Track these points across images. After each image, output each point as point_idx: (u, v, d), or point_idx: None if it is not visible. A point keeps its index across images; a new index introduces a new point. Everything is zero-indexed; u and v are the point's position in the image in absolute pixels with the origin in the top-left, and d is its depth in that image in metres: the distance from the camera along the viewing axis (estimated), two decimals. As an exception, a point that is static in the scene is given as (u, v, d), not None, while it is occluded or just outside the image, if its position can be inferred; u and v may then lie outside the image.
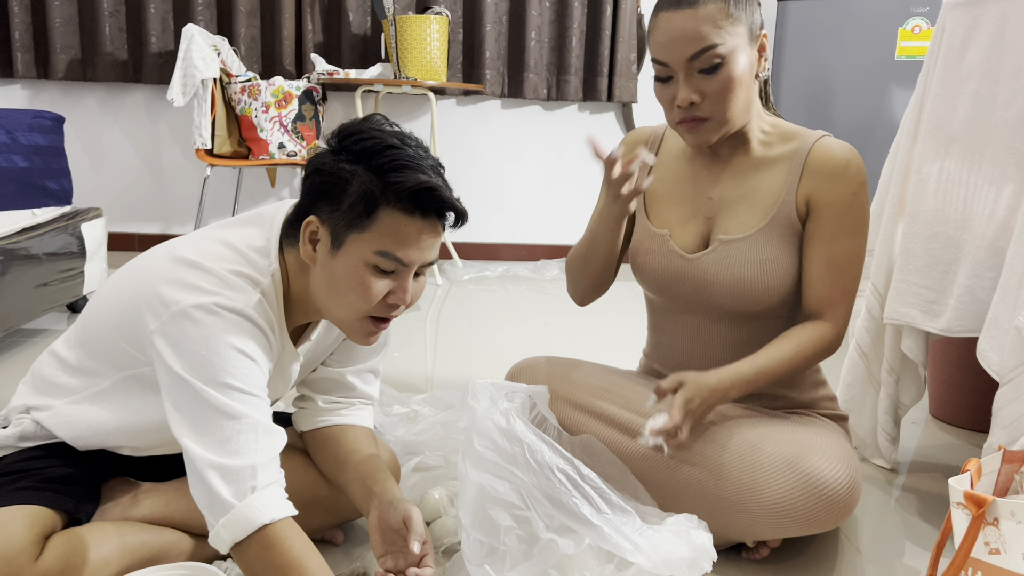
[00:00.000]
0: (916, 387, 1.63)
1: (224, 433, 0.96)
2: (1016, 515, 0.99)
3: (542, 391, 1.29)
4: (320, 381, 1.29)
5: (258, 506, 0.95)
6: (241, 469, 0.95)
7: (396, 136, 1.04)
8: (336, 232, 1.03)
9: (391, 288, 1.05)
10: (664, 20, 1.21)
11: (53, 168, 2.52)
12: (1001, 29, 1.38)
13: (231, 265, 1.05)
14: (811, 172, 1.28)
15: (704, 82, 1.21)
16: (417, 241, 1.03)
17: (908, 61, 2.94)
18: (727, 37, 1.19)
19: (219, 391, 0.97)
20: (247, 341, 1.01)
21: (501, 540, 1.09)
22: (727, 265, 1.30)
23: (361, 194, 1.01)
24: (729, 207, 1.33)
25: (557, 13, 3.76)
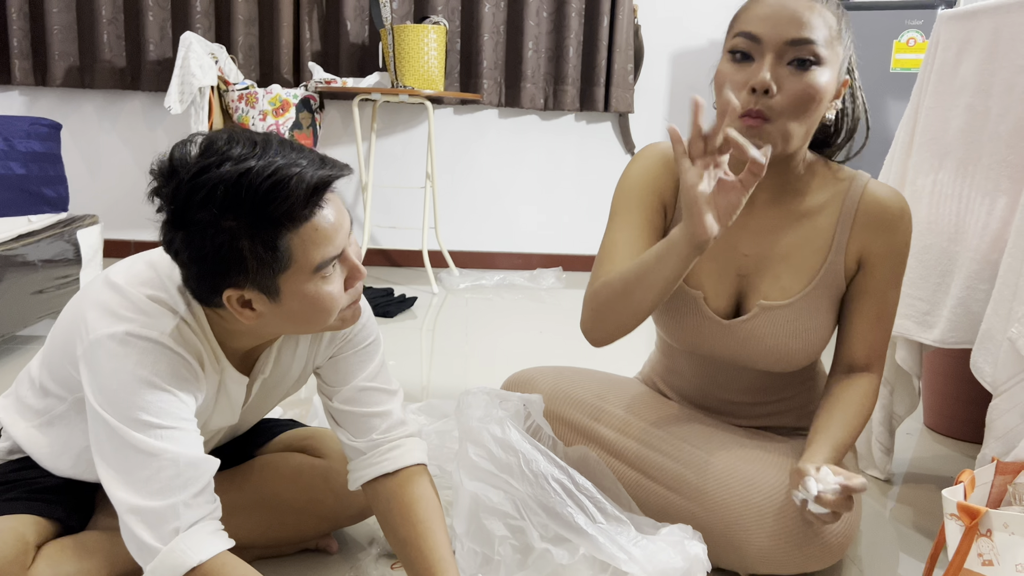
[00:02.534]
0: (911, 398, 1.64)
1: (144, 472, 0.92)
2: (1009, 527, 0.99)
3: (537, 400, 1.28)
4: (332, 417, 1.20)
5: (183, 548, 0.91)
6: (162, 510, 0.92)
7: (222, 160, 0.88)
8: (265, 288, 0.94)
9: (344, 278, 0.99)
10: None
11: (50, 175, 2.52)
12: (994, 43, 1.39)
13: (149, 290, 0.98)
14: (864, 226, 1.20)
15: (788, 77, 1.09)
16: (333, 229, 0.94)
17: (903, 73, 2.96)
18: (829, 47, 1.11)
19: (134, 428, 0.92)
20: (161, 371, 0.95)
21: (495, 550, 1.09)
22: (769, 335, 1.21)
23: (254, 248, 0.89)
24: (767, 266, 1.22)
25: (554, 23, 3.78)
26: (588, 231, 4.02)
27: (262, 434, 1.34)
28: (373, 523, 1.36)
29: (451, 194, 3.95)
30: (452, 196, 3.95)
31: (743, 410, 1.36)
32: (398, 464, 1.14)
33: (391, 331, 2.74)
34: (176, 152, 0.90)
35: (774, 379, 1.32)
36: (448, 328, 2.83)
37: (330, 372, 1.18)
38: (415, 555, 1.08)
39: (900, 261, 1.22)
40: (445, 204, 3.93)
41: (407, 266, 3.97)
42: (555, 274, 3.70)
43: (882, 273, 1.21)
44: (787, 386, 1.34)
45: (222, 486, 1.16)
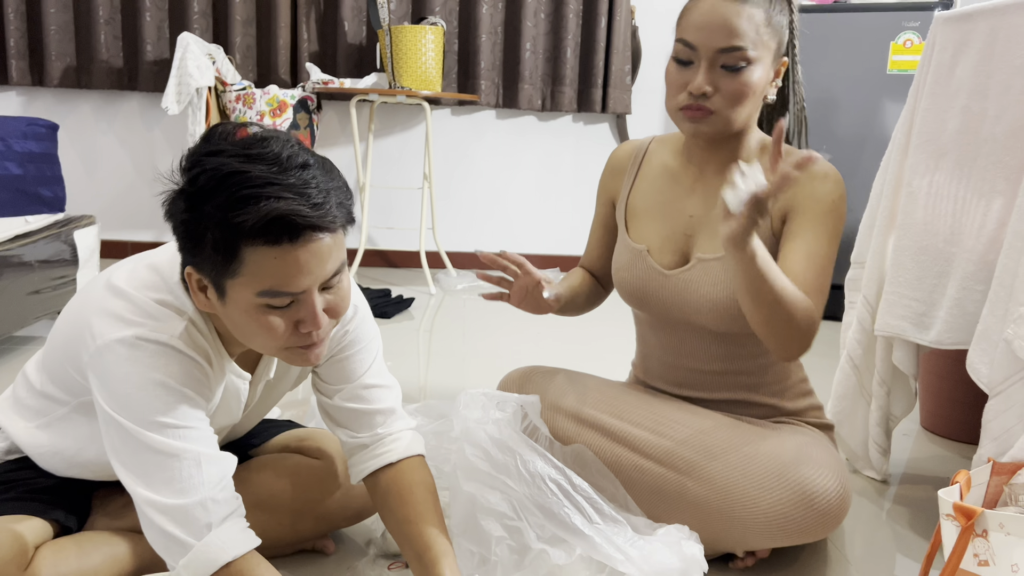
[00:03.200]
0: (907, 399, 1.64)
1: (167, 473, 0.93)
2: (1005, 527, 0.99)
3: (534, 401, 1.29)
4: (330, 416, 1.20)
5: (219, 544, 0.92)
6: (191, 507, 0.92)
7: (242, 155, 0.89)
8: (215, 282, 0.93)
9: (297, 319, 0.95)
10: (709, 3, 1.22)
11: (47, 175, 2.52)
12: (990, 45, 1.40)
13: (155, 293, 0.99)
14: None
15: (723, 78, 1.22)
16: (298, 268, 0.90)
17: (900, 75, 2.96)
18: (759, 47, 1.22)
19: (152, 430, 0.93)
20: (174, 373, 0.96)
21: (492, 550, 1.09)
22: (703, 284, 1.30)
23: (215, 242, 0.89)
24: (708, 224, 1.32)
25: (552, 24, 3.78)
26: (585, 232, 4.02)
27: (259, 435, 1.34)
28: (370, 524, 1.36)
29: (448, 195, 3.95)
30: (449, 197, 3.95)
31: (714, 380, 1.38)
32: (399, 455, 1.15)
33: (388, 332, 2.74)
34: (223, 127, 0.92)
35: (731, 345, 1.35)
36: (445, 329, 2.83)
37: (332, 371, 1.17)
38: (413, 533, 1.09)
39: (828, 215, 1.24)
40: (442, 205, 3.93)
41: (404, 267, 3.97)
42: (552, 275, 3.69)
43: (808, 218, 1.25)
44: (748, 356, 1.36)
45: None
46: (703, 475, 1.24)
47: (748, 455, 1.22)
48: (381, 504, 1.16)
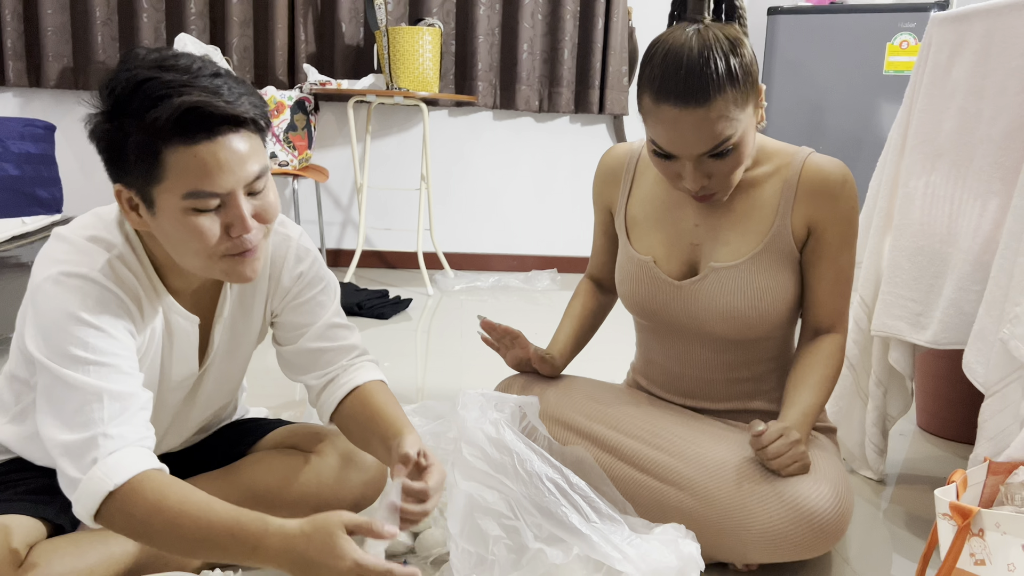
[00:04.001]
0: (903, 399, 1.64)
1: (69, 406, 0.94)
2: (1001, 526, 0.99)
3: (532, 401, 1.29)
4: (292, 362, 1.24)
5: (100, 475, 0.92)
6: (84, 442, 0.93)
7: (153, 66, 0.93)
8: (143, 194, 0.96)
9: (226, 222, 0.97)
10: (669, 115, 1.14)
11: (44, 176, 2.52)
12: (986, 46, 1.40)
13: (88, 231, 1.02)
14: (807, 194, 1.26)
15: (714, 166, 1.18)
16: (219, 165, 0.93)
17: (896, 76, 2.97)
18: (738, 125, 1.15)
19: (64, 364, 0.94)
20: (90, 307, 0.97)
21: (490, 550, 1.09)
22: (720, 293, 1.28)
23: (135, 147, 0.92)
24: (717, 233, 1.30)
25: (549, 26, 3.78)
26: (583, 233, 4.02)
27: (252, 432, 1.35)
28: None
29: (446, 196, 3.95)
30: (447, 198, 3.95)
31: (719, 389, 1.38)
32: (361, 380, 1.21)
33: (386, 333, 2.74)
34: (136, 50, 0.97)
35: (739, 353, 1.34)
36: (443, 330, 2.83)
37: (298, 314, 1.21)
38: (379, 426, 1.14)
39: (848, 226, 1.27)
40: (440, 206, 3.93)
41: (402, 268, 3.97)
42: (550, 276, 3.70)
43: (831, 238, 1.27)
44: (755, 361, 1.36)
45: (214, 484, 1.17)
46: (700, 490, 1.23)
47: (745, 471, 1.21)
48: (346, 423, 1.20)
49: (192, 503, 0.93)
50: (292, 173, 3.32)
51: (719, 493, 1.21)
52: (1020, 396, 1.22)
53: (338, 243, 3.95)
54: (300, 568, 0.91)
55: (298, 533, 0.92)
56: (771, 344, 1.35)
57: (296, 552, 0.91)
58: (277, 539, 0.91)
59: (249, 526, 0.92)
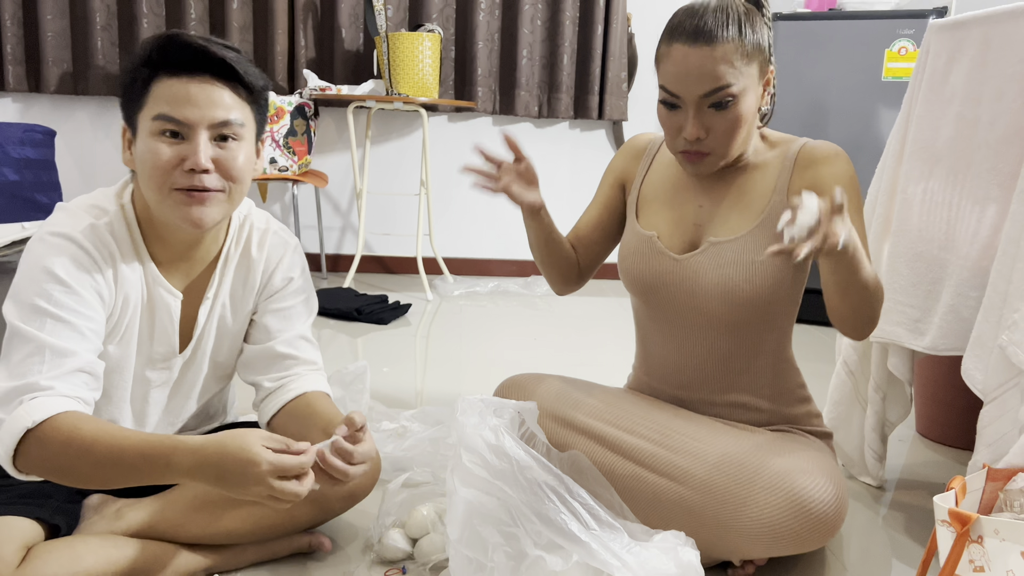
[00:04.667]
0: (902, 405, 1.64)
1: (16, 356, 0.98)
2: (1000, 533, 1.00)
3: (531, 407, 1.29)
4: (254, 361, 1.28)
5: (22, 413, 0.96)
6: (14, 389, 0.97)
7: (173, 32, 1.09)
8: (131, 122, 1.09)
9: (183, 155, 1.06)
10: (679, 53, 1.21)
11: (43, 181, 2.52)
12: (984, 53, 1.40)
13: (87, 200, 1.11)
14: (803, 168, 1.30)
15: (713, 118, 1.23)
16: (188, 96, 1.05)
17: (895, 82, 2.97)
18: (740, 77, 1.21)
19: (25, 316, 1.00)
20: (66, 264, 1.03)
21: (489, 557, 1.09)
22: (716, 266, 1.31)
23: (135, 80, 1.07)
24: (718, 211, 1.35)
25: (548, 32, 3.79)
26: (582, 238, 4.02)
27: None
28: (368, 528, 1.36)
29: (445, 201, 3.95)
30: (446, 203, 3.96)
31: (716, 380, 1.39)
32: (309, 387, 1.26)
33: (385, 338, 2.74)
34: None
35: (735, 342, 1.35)
36: (442, 335, 2.83)
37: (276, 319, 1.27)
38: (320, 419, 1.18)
39: (851, 191, 1.26)
40: (439, 211, 3.93)
41: (401, 273, 3.97)
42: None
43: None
44: (751, 354, 1.36)
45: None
46: (699, 484, 1.24)
47: (743, 463, 1.22)
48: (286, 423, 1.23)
49: (105, 431, 0.97)
50: (292, 178, 3.32)
51: (717, 485, 1.22)
52: (1019, 402, 1.22)
53: (337, 248, 3.95)
54: (215, 477, 0.94)
55: (212, 442, 0.95)
56: (768, 338, 1.36)
57: (210, 462, 0.94)
58: (188, 453, 0.95)
59: (159, 445, 0.96)
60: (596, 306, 3.41)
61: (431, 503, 1.34)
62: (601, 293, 3.70)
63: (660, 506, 1.26)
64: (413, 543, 1.29)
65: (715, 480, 1.22)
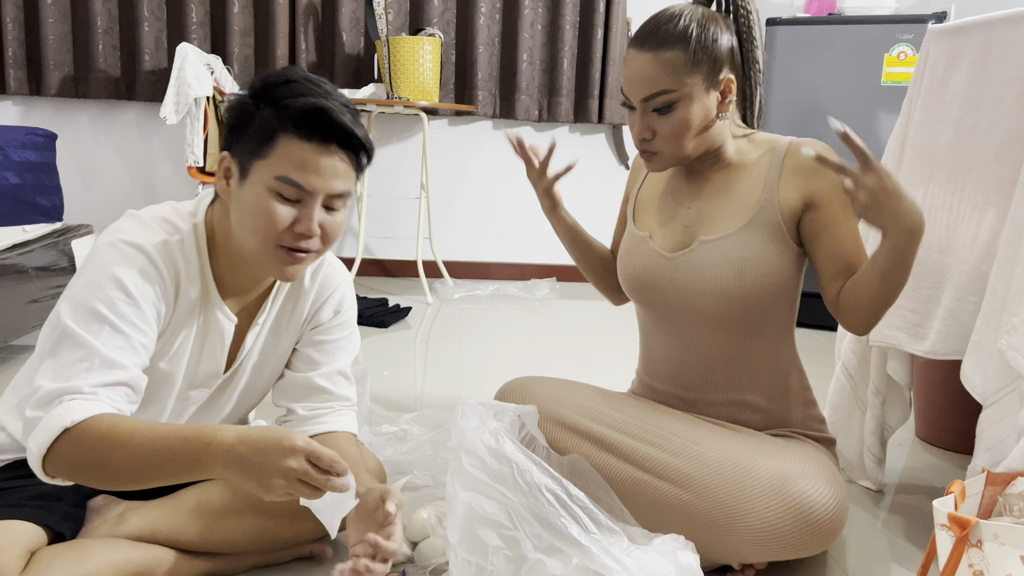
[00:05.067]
0: (902, 409, 1.65)
1: (65, 359, 0.97)
2: (999, 537, 1.00)
3: (531, 411, 1.29)
4: (292, 388, 1.29)
5: (61, 412, 0.95)
6: (55, 391, 0.96)
7: (300, 75, 1.07)
8: (243, 163, 1.07)
9: (297, 216, 1.06)
10: (630, 56, 1.30)
11: (45, 185, 2.52)
12: (983, 58, 1.41)
13: (160, 213, 1.11)
14: (793, 170, 1.32)
15: (657, 121, 1.29)
16: (317, 166, 1.05)
17: (894, 87, 2.98)
18: (681, 85, 1.26)
19: (83, 320, 0.99)
20: (134, 276, 1.03)
21: (489, 560, 1.09)
22: (706, 264, 1.33)
23: (260, 123, 1.05)
24: (708, 212, 1.37)
25: (548, 36, 3.80)
26: (582, 242, 4.03)
27: None
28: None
29: (446, 205, 3.96)
30: (447, 207, 3.96)
31: (717, 380, 1.39)
32: (339, 427, 1.27)
33: (385, 341, 2.74)
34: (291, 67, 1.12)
35: (734, 344, 1.36)
36: (442, 338, 2.83)
37: (319, 352, 1.28)
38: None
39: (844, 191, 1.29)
40: (440, 215, 3.94)
41: (401, 276, 3.97)
42: (549, 284, 3.71)
43: (833, 207, 1.31)
44: (751, 356, 1.37)
45: (215, 489, 1.17)
46: (699, 487, 1.24)
47: (744, 467, 1.22)
48: None
49: (145, 423, 0.97)
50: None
51: (717, 489, 1.22)
52: (1018, 406, 1.22)
53: (338, 251, 3.95)
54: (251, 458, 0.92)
55: (253, 427, 0.95)
56: (765, 336, 1.36)
57: (249, 439, 0.93)
58: (230, 431, 0.94)
59: (201, 428, 0.96)
60: (596, 310, 3.42)
61: (431, 506, 1.34)
62: (601, 297, 3.70)
63: (660, 509, 1.26)
64: (413, 546, 1.29)
65: (715, 484, 1.22)
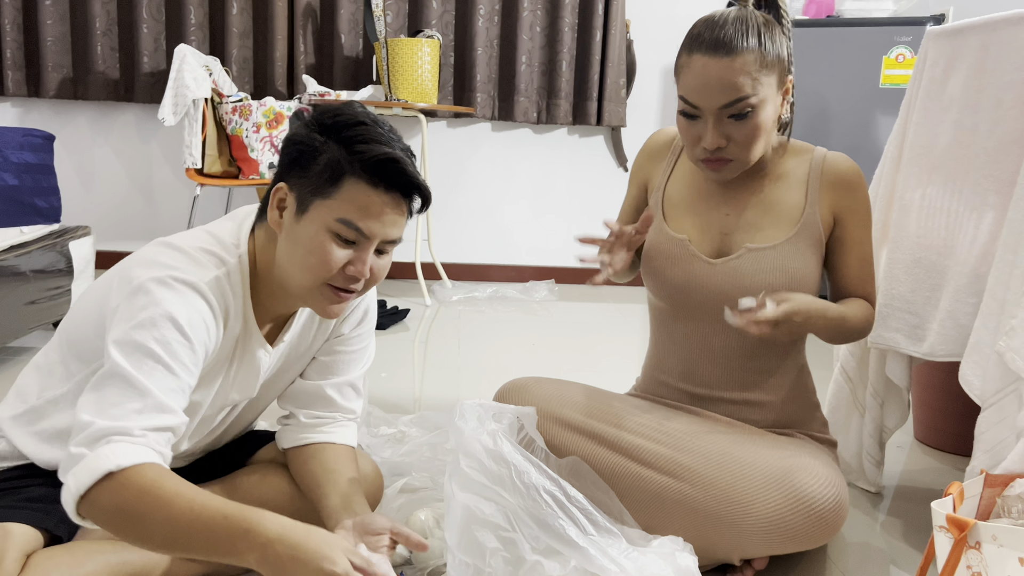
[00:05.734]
0: (900, 411, 1.65)
1: (110, 395, 0.93)
2: (998, 539, 1.00)
3: (530, 412, 1.29)
4: (300, 395, 1.29)
5: (107, 453, 0.90)
6: (103, 428, 0.92)
7: (369, 117, 1.07)
8: (302, 198, 1.05)
9: (351, 259, 1.06)
10: (700, 63, 1.23)
11: (43, 186, 2.52)
12: (981, 60, 1.41)
13: (202, 244, 1.08)
14: (829, 185, 1.35)
15: (733, 128, 1.25)
16: (379, 214, 1.05)
17: (892, 89, 2.98)
18: (759, 88, 1.23)
19: (136, 357, 0.95)
20: (190, 314, 1.00)
21: (487, 562, 1.09)
22: (758, 271, 1.33)
23: (328, 162, 1.04)
24: (748, 221, 1.37)
25: (547, 38, 3.80)
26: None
27: (253, 442, 1.35)
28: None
29: (444, 207, 3.95)
30: (445, 209, 3.96)
31: (734, 377, 1.39)
32: (339, 439, 1.27)
33: (384, 343, 2.74)
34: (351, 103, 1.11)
35: (760, 344, 1.37)
36: (441, 340, 2.83)
37: (335, 362, 1.28)
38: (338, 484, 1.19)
39: (867, 215, 1.38)
40: (438, 217, 3.93)
41: (400, 278, 3.97)
42: (548, 287, 3.71)
43: (855, 225, 1.37)
44: (771, 353, 1.38)
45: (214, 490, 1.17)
46: (701, 480, 1.24)
47: (746, 460, 1.23)
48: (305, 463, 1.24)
49: (189, 488, 0.92)
50: (291, 183, 3.33)
51: (719, 482, 1.22)
52: (1016, 408, 1.22)
53: (336, 253, 3.95)
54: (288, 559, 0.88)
55: (299, 525, 0.91)
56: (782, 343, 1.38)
57: (290, 540, 0.89)
58: (273, 523, 0.90)
59: (244, 509, 0.91)
60: (594, 312, 3.42)
61: (429, 508, 1.34)
62: (599, 299, 3.70)
63: (662, 505, 1.26)
64: (411, 548, 1.29)
65: (717, 476, 1.23)
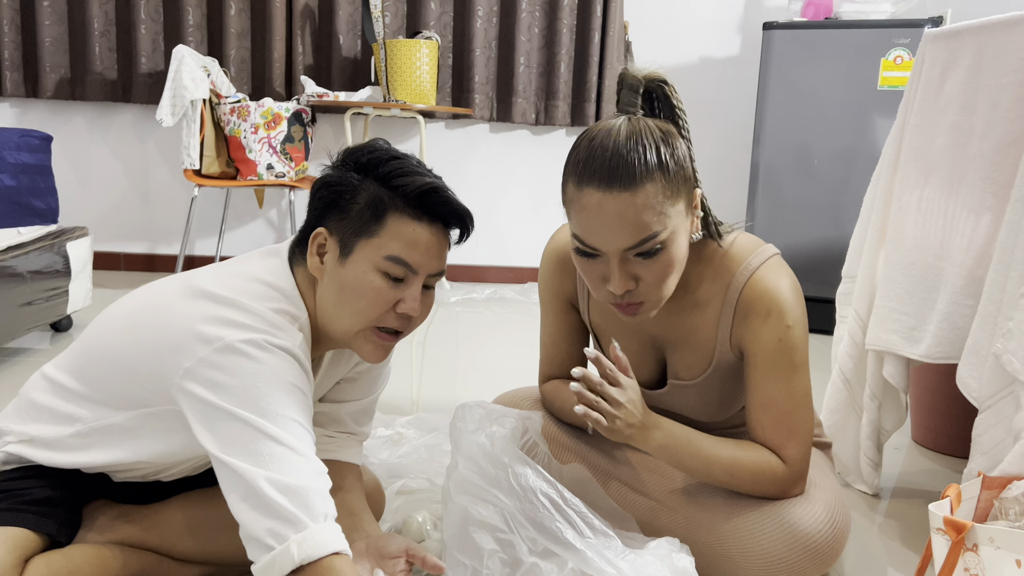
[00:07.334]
0: (898, 413, 1.65)
1: (280, 466, 0.94)
2: (995, 541, 1.00)
3: (535, 416, 1.28)
4: (329, 419, 1.28)
5: (335, 531, 0.95)
6: (301, 489, 0.93)
7: (399, 152, 1.08)
8: (345, 240, 1.04)
9: (401, 296, 1.05)
10: (594, 200, 1.03)
11: (40, 187, 2.51)
12: (978, 62, 1.41)
13: (272, 303, 1.04)
14: (742, 315, 1.18)
15: (641, 267, 1.06)
16: (426, 246, 1.05)
17: (890, 91, 2.99)
18: (668, 220, 1.04)
19: (275, 422, 0.95)
20: (299, 378, 1.01)
21: (484, 563, 1.09)
22: (685, 406, 1.30)
23: (369, 201, 1.03)
24: (673, 348, 1.26)
25: (546, 39, 3.80)
26: (579, 245, 4.02)
27: None
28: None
29: (442, 208, 3.95)
30: (443, 210, 3.95)
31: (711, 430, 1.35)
32: (342, 456, 1.26)
33: (381, 344, 2.73)
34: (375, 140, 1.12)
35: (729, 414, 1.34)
36: (438, 341, 2.83)
37: (354, 387, 1.28)
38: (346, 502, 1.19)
39: (776, 358, 1.15)
40: (436, 218, 3.93)
41: (398, 279, 3.97)
42: (546, 288, 3.70)
43: (755, 365, 1.17)
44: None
45: (212, 502, 1.16)
46: (694, 516, 1.23)
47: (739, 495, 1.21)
48: None
49: None
50: (289, 184, 3.33)
51: (713, 517, 1.21)
52: (1013, 410, 1.22)
53: (334, 254, 3.95)
54: None
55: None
56: None
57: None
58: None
59: None
60: (592, 313, 3.41)
61: (427, 510, 1.34)
62: (597, 300, 3.70)
63: (655, 532, 1.25)
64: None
65: (711, 511, 1.21)
